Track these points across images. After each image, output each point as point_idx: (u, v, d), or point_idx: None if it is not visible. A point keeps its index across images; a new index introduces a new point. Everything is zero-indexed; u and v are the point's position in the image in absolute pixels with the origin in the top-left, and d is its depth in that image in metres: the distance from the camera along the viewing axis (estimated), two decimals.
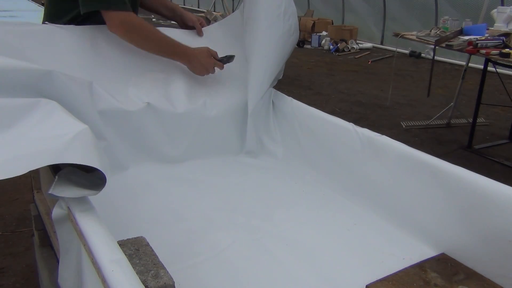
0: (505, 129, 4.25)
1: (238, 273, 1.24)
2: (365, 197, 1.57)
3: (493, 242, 1.19)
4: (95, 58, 1.73)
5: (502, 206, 1.16)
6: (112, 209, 1.42)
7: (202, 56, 1.80)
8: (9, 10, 5.95)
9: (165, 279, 0.94)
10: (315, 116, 1.79)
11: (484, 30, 3.75)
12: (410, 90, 5.74)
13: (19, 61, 1.41)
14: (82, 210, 1.03)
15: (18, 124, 1.20)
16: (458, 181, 1.27)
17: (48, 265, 1.61)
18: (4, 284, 2.11)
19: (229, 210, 1.55)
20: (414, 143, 3.64)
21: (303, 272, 1.25)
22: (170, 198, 1.60)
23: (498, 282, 1.17)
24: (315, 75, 6.52)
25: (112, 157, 1.63)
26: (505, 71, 5.16)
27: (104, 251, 0.90)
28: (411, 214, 1.42)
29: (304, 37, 8.70)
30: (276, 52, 1.88)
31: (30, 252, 2.23)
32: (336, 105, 5.09)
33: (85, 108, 1.58)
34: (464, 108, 4.71)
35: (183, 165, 1.81)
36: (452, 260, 1.27)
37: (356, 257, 1.32)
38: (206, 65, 1.80)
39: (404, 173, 1.43)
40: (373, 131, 1.57)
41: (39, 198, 1.75)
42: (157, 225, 1.43)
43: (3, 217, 2.63)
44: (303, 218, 1.51)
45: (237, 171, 1.83)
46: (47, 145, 1.10)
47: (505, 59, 3.21)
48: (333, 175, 1.71)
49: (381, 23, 8.46)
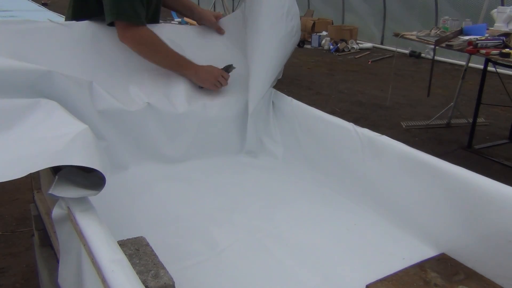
0: (505, 129, 4.25)
1: (238, 273, 1.24)
2: (365, 197, 1.57)
3: (493, 242, 1.19)
4: (95, 58, 1.74)
5: (502, 206, 1.16)
6: (112, 209, 1.42)
7: (208, 68, 1.84)
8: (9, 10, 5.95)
9: (165, 279, 0.94)
10: (315, 116, 1.79)
11: (484, 30, 3.74)
12: (410, 90, 5.73)
13: (18, 61, 1.41)
14: (82, 210, 1.03)
15: (18, 125, 1.21)
16: (458, 181, 1.27)
17: (48, 265, 1.61)
18: (4, 284, 2.11)
19: (229, 210, 1.55)
20: (414, 143, 3.64)
21: (303, 272, 1.25)
22: (170, 198, 1.60)
23: (498, 282, 1.17)
24: (315, 75, 6.51)
25: (112, 157, 1.63)
26: (505, 71, 5.15)
27: (104, 251, 0.90)
28: (411, 214, 1.42)
29: (304, 37, 8.70)
30: (278, 52, 1.88)
31: (30, 252, 2.23)
32: (336, 105, 5.09)
33: (85, 108, 1.58)
34: (464, 108, 4.71)
35: (183, 165, 1.81)
36: (452, 260, 1.27)
37: (356, 257, 1.32)
38: (213, 72, 1.84)
39: (404, 173, 1.43)
40: (373, 131, 1.57)
41: (39, 198, 1.75)
42: (157, 225, 1.43)
43: (3, 217, 2.63)
44: (303, 218, 1.51)
45: (237, 171, 1.83)
46: (48, 146, 1.10)
47: (505, 59, 3.20)
48: (333, 175, 1.71)
49: (381, 23, 8.45)
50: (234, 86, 1.93)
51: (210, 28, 2.03)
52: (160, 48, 1.78)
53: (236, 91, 1.92)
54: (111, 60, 1.76)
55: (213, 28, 2.02)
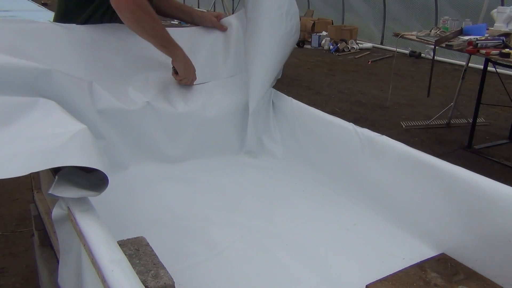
0: (505, 129, 4.25)
1: (238, 273, 1.24)
2: (365, 197, 1.57)
3: (493, 242, 1.19)
4: (95, 57, 1.73)
5: (502, 206, 1.16)
6: (112, 209, 1.42)
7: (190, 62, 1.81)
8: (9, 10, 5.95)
9: (165, 279, 0.94)
10: (315, 116, 1.79)
11: (484, 30, 3.74)
12: (410, 90, 5.73)
13: (18, 59, 1.40)
14: (82, 210, 1.03)
15: (16, 122, 1.20)
16: (458, 181, 1.27)
17: (48, 265, 1.61)
18: (4, 284, 2.11)
19: (229, 210, 1.55)
20: (414, 143, 3.65)
21: (303, 272, 1.25)
22: (170, 198, 1.59)
23: (498, 282, 1.17)
24: (315, 75, 6.51)
25: (111, 157, 1.63)
26: (505, 71, 5.15)
27: (104, 251, 0.90)
28: (411, 214, 1.42)
29: (304, 37, 8.70)
30: (278, 52, 1.87)
31: (30, 252, 2.23)
32: (336, 105, 5.09)
33: (84, 107, 1.58)
34: (464, 108, 4.71)
35: (183, 165, 1.81)
36: (452, 260, 1.27)
37: (356, 257, 1.32)
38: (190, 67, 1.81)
39: (404, 173, 1.43)
40: (373, 131, 1.57)
41: (39, 198, 1.75)
42: (157, 225, 1.43)
43: (3, 217, 2.63)
44: (303, 218, 1.51)
45: (237, 171, 1.83)
46: (45, 145, 1.09)
47: (505, 59, 3.21)
48: (333, 175, 1.71)
49: (381, 23, 8.46)
50: (233, 86, 1.93)
51: (211, 28, 2.03)
52: (154, 16, 1.70)
53: (235, 90, 1.92)
54: (110, 60, 1.76)
55: (215, 27, 2.01)
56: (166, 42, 1.75)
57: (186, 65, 1.80)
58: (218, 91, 1.90)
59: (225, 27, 2.01)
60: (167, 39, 1.75)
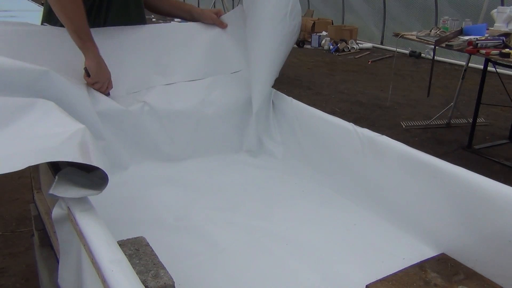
0: (505, 129, 4.25)
1: (238, 273, 1.24)
2: (365, 197, 1.57)
3: (493, 243, 1.19)
4: None
5: (502, 206, 1.16)
6: (112, 209, 1.42)
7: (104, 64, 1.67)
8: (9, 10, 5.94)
9: (165, 279, 0.94)
10: (315, 116, 1.79)
11: (484, 30, 3.74)
12: (410, 90, 5.73)
13: (17, 60, 1.40)
14: (82, 210, 1.03)
15: (15, 123, 1.20)
16: (458, 181, 1.27)
17: (48, 265, 1.61)
18: (4, 284, 2.11)
19: (229, 209, 1.55)
20: (414, 143, 3.64)
21: (303, 272, 1.25)
22: (170, 197, 1.60)
23: (498, 282, 1.17)
24: (315, 75, 6.51)
25: (111, 157, 1.63)
26: (505, 71, 5.15)
27: (104, 251, 0.90)
28: (411, 214, 1.42)
29: (304, 37, 8.70)
30: (280, 51, 1.87)
31: (30, 252, 2.23)
32: (336, 105, 5.09)
33: (83, 108, 1.58)
34: (464, 108, 4.71)
35: (182, 164, 1.81)
36: (452, 260, 1.27)
37: (356, 257, 1.32)
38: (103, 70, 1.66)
39: (404, 173, 1.43)
40: (373, 131, 1.57)
41: (39, 198, 1.75)
42: (156, 225, 1.43)
43: (3, 217, 2.63)
44: (303, 218, 1.51)
45: (237, 171, 1.83)
46: (44, 143, 1.09)
47: (505, 59, 3.20)
48: (333, 175, 1.71)
49: (381, 23, 8.45)
50: (232, 84, 1.93)
51: (211, 25, 2.03)
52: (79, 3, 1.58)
53: (234, 89, 1.92)
54: (108, 61, 1.75)
55: (215, 23, 2.01)
56: (82, 32, 1.60)
57: (98, 66, 1.64)
58: (217, 88, 1.90)
59: (225, 24, 2.01)
60: (84, 30, 1.61)
